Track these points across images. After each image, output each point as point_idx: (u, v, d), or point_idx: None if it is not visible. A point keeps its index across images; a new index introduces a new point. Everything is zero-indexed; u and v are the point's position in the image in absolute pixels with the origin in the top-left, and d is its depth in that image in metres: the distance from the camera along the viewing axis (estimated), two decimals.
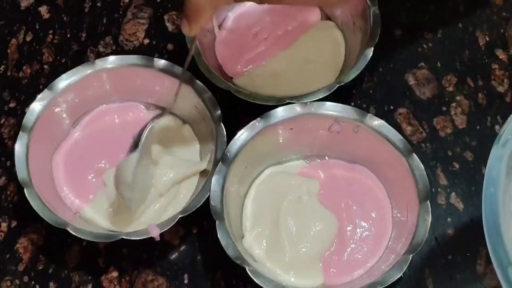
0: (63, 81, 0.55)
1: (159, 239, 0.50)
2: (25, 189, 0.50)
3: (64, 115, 0.56)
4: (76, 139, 0.57)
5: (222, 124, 0.54)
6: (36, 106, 0.54)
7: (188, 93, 0.55)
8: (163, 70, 0.56)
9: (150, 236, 0.49)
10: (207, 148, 0.56)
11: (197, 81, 0.55)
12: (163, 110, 0.57)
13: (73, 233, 0.49)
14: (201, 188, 0.52)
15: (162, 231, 0.49)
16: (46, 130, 0.54)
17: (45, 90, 0.55)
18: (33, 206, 0.50)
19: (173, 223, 0.50)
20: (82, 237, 0.49)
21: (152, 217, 0.53)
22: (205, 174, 0.54)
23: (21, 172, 0.51)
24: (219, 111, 0.54)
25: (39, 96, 0.54)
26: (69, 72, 0.56)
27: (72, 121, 0.57)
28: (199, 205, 0.50)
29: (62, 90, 0.55)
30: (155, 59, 0.57)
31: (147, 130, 0.53)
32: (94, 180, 0.55)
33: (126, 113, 0.59)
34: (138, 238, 0.49)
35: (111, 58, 0.57)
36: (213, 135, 0.54)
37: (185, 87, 0.55)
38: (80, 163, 0.56)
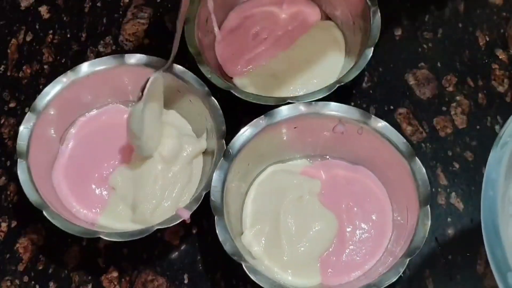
0: (43, 99, 0.54)
1: (190, 220, 0.50)
2: (43, 211, 0.49)
3: (51, 133, 0.56)
4: (68, 154, 0.56)
5: (213, 98, 0.53)
6: (24, 130, 0.53)
7: (167, 79, 0.55)
8: (137, 64, 0.56)
9: (181, 219, 0.49)
10: (200, 127, 0.56)
11: (176, 65, 0.55)
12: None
13: (107, 239, 0.48)
14: (209, 167, 0.52)
15: (191, 212, 0.50)
16: (40, 152, 0.54)
17: (28, 113, 0.54)
18: (56, 224, 0.49)
19: (200, 201, 0.50)
20: (116, 240, 0.49)
21: (172, 203, 0.53)
22: (210, 154, 0.54)
23: (32, 197, 0.50)
24: (206, 88, 0.54)
25: (24, 119, 0.53)
26: (47, 88, 0.55)
27: (58, 137, 0.56)
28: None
29: (44, 107, 0.54)
30: (126, 55, 0.56)
31: (150, 80, 0.52)
32: (99, 188, 0.55)
33: (108, 117, 0.58)
34: (171, 225, 0.49)
35: (84, 66, 0.56)
36: (205, 114, 0.54)
37: (163, 74, 0.54)
38: (80, 176, 0.55)
